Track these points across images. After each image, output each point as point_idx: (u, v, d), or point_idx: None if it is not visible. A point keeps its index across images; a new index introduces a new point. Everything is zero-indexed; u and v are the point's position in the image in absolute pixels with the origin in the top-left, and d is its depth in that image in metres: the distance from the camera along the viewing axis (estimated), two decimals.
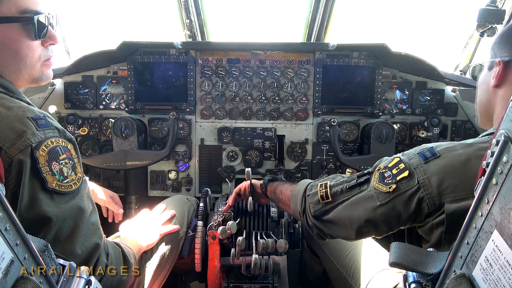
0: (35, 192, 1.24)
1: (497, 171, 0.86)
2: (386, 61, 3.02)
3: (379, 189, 1.36)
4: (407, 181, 1.30)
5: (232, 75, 3.10)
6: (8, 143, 1.21)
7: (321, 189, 1.55)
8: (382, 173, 1.38)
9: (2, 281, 0.90)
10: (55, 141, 1.31)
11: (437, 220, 1.27)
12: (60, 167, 1.30)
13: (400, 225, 1.37)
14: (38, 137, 1.26)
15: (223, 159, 3.14)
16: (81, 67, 3.03)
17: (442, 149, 1.30)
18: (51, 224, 1.27)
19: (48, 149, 1.27)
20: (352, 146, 3.15)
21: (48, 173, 1.26)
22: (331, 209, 1.50)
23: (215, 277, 2.21)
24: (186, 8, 2.88)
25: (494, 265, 0.86)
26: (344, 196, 1.47)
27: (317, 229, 1.59)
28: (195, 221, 2.39)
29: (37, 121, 1.29)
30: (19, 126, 1.24)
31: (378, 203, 1.35)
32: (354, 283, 1.92)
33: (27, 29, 1.34)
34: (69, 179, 1.32)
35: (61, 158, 1.31)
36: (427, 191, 1.26)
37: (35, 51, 1.40)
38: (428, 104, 3.09)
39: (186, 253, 2.31)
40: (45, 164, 1.26)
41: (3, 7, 1.28)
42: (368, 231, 1.45)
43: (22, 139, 1.23)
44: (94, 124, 3.10)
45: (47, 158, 1.26)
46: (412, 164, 1.31)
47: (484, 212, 0.90)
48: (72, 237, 1.32)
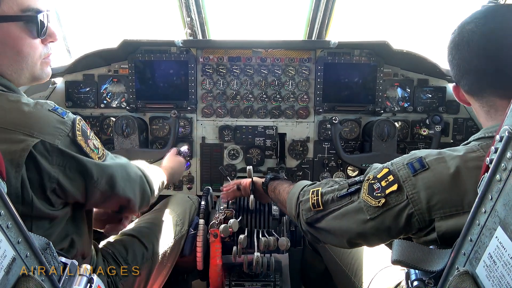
0: (87, 167, 1.37)
1: (501, 167, 0.85)
2: (388, 58, 3.01)
3: (368, 203, 1.32)
4: (396, 195, 1.26)
5: (233, 73, 3.09)
6: (48, 135, 1.27)
7: (312, 196, 1.52)
8: (371, 184, 1.34)
9: (4, 279, 0.89)
10: (78, 121, 1.38)
11: (429, 237, 1.24)
12: (92, 142, 1.42)
13: (392, 238, 1.34)
14: (67, 125, 1.34)
15: (225, 157, 3.14)
16: (82, 65, 3.03)
17: (431, 160, 1.24)
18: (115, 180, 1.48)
19: (80, 131, 1.37)
20: (354, 144, 3.14)
21: (92, 152, 1.40)
22: (322, 217, 1.49)
23: (217, 275, 2.21)
24: (187, 6, 2.87)
25: (498, 262, 0.86)
26: (335, 205, 1.44)
27: (310, 234, 1.58)
28: (197, 220, 2.39)
29: (56, 111, 1.35)
30: (49, 119, 1.30)
31: (368, 217, 1.32)
32: (357, 280, 1.91)
33: (29, 27, 1.33)
34: (100, 148, 1.46)
35: (89, 134, 1.42)
36: (416, 207, 1.22)
37: (36, 49, 1.39)
38: (429, 101, 3.08)
39: (188, 252, 2.32)
40: (86, 146, 1.37)
41: (5, 6, 1.27)
42: (360, 243, 1.44)
43: (58, 131, 1.30)
44: (95, 123, 3.10)
45: (83, 139, 1.37)
46: (401, 176, 1.26)
47: (487, 209, 0.90)
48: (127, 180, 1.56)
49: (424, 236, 1.26)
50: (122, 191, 1.52)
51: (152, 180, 1.77)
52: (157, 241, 2.10)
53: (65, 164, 1.31)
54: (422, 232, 1.26)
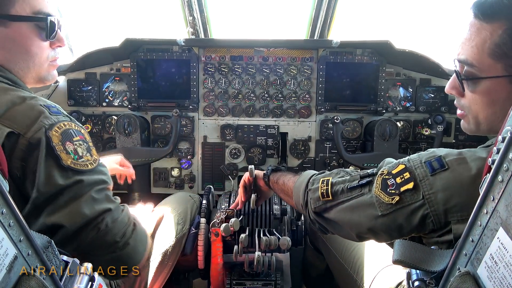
0: (50, 168, 1.28)
1: (503, 168, 0.85)
2: (390, 58, 3.00)
3: (380, 199, 1.29)
4: (411, 194, 1.22)
5: (235, 72, 3.09)
6: (25, 128, 1.26)
7: (322, 186, 1.50)
8: (385, 179, 1.30)
9: (6, 277, 0.90)
10: (67, 124, 1.36)
11: (443, 239, 1.21)
12: (74, 147, 1.34)
13: (402, 236, 1.30)
14: (51, 120, 1.31)
15: (226, 156, 3.14)
16: (84, 64, 3.03)
17: (451, 161, 1.18)
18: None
19: (61, 130, 1.32)
20: (355, 143, 3.14)
21: (62, 151, 1.30)
22: (332, 208, 1.47)
23: (218, 274, 2.21)
24: (189, 5, 2.87)
25: (500, 262, 0.86)
26: (345, 196, 1.42)
27: (318, 224, 1.57)
28: (198, 218, 2.39)
29: (49, 108, 1.35)
30: (34, 113, 1.30)
31: (379, 213, 1.28)
32: (359, 279, 1.91)
33: (39, 29, 1.42)
34: (84, 158, 1.35)
35: (74, 140, 1.35)
36: (432, 207, 1.18)
37: (44, 50, 1.47)
38: (432, 101, 3.07)
39: (189, 250, 2.32)
40: (58, 143, 1.30)
41: (18, 7, 1.36)
42: (368, 237, 1.41)
43: (36, 122, 1.28)
44: (97, 121, 3.10)
45: (60, 138, 1.31)
46: (418, 175, 1.22)
47: (489, 210, 0.90)
48: (81, 200, 1.33)
49: (437, 237, 1.23)
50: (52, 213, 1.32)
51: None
52: (158, 240, 2.10)
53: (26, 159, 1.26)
54: (435, 233, 1.22)
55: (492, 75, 1.19)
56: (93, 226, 1.34)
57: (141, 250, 1.49)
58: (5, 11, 1.35)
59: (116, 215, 1.41)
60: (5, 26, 1.36)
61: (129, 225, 1.46)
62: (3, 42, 1.38)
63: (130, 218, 1.50)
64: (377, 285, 1.78)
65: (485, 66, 1.20)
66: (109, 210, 1.39)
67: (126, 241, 1.43)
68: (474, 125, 1.33)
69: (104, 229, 1.36)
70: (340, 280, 2.20)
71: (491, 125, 1.27)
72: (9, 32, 1.37)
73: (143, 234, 1.55)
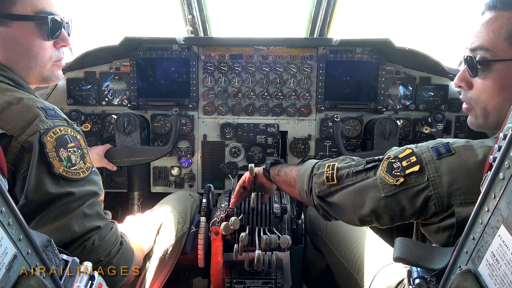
0: (41, 176, 1.26)
1: (504, 166, 0.84)
2: (390, 56, 2.99)
3: (385, 180, 1.30)
4: (416, 176, 1.24)
5: (234, 71, 3.09)
6: (19, 131, 1.24)
7: (327, 170, 1.50)
8: (391, 163, 1.32)
9: (5, 276, 0.89)
10: (63, 130, 1.33)
11: (445, 223, 1.21)
12: (68, 154, 1.32)
13: (403, 220, 1.32)
14: (46, 124, 1.29)
15: (226, 155, 3.14)
16: (83, 63, 3.02)
17: (458, 146, 1.21)
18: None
19: (56, 136, 1.30)
20: (355, 142, 3.14)
21: (55, 159, 1.28)
22: (336, 192, 1.47)
23: (218, 273, 2.21)
24: (189, 3, 2.86)
25: (501, 260, 0.85)
26: (350, 180, 1.43)
27: (322, 209, 1.57)
28: (198, 217, 2.39)
29: (46, 111, 1.32)
30: (29, 115, 1.28)
31: (383, 195, 1.30)
32: (359, 278, 1.91)
33: (40, 28, 1.41)
34: (77, 166, 1.34)
35: (69, 146, 1.33)
36: (436, 190, 1.20)
37: (46, 50, 1.46)
38: (432, 99, 3.06)
39: (189, 249, 2.32)
40: (52, 150, 1.27)
41: (19, 6, 1.35)
42: (371, 220, 1.41)
43: (31, 126, 1.26)
44: (96, 120, 3.10)
45: (54, 144, 1.28)
46: (424, 158, 1.24)
47: (490, 207, 0.89)
48: (72, 216, 1.32)
49: (439, 222, 1.23)
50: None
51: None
52: (158, 239, 2.10)
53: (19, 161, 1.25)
54: (437, 217, 1.23)
55: (507, 57, 1.21)
56: (79, 243, 1.34)
57: (122, 271, 1.48)
58: (6, 11, 1.34)
59: (104, 234, 1.41)
60: (7, 25, 1.36)
61: (116, 244, 1.46)
62: (4, 41, 1.37)
63: (117, 236, 1.49)
64: (377, 284, 1.78)
65: (500, 51, 1.22)
66: (98, 228, 1.39)
67: (110, 260, 1.42)
68: (482, 117, 1.34)
69: (90, 247, 1.36)
70: (340, 279, 2.20)
71: (499, 115, 1.29)
72: (11, 31, 1.37)
73: (128, 253, 1.54)
